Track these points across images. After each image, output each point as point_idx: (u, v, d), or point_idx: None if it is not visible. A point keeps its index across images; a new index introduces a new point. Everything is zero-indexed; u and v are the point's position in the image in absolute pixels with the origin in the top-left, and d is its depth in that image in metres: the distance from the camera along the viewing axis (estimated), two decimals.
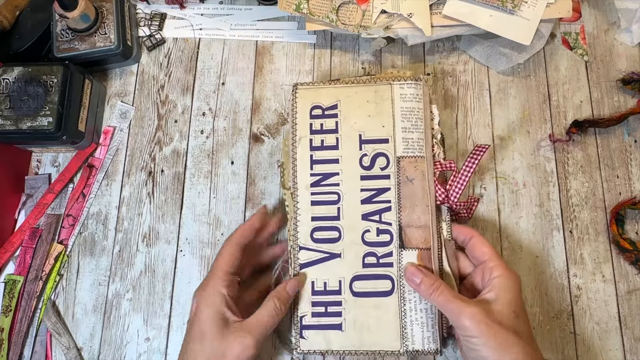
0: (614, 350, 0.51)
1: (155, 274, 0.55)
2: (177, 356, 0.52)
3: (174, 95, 0.61)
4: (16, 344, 0.52)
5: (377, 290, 0.48)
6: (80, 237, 0.57)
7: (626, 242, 0.53)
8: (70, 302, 0.55)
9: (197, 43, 0.63)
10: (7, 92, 0.54)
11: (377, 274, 0.48)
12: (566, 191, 0.56)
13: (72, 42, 0.58)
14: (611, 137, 0.58)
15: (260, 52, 0.63)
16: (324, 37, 0.63)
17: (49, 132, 0.53)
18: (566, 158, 0.57)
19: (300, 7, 0.56)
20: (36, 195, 0.58)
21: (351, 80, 0.53)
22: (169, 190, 0.58)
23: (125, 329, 0.54)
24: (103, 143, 0.60)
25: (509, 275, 0.44)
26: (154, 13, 0.64)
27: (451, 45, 0.62)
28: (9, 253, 0.55)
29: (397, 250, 0.48)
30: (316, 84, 0.53)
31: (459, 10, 0.55)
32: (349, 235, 0.49)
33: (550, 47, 0.61)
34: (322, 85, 0.53)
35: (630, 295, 0.53)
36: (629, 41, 0.61)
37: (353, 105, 0.52)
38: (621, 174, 0.56)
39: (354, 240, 0.49)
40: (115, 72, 0.63)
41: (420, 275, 0.45)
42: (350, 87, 0.52)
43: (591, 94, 0.59)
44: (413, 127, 0.50)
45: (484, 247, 0.46)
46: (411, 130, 0.50)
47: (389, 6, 0.56)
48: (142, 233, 0.56)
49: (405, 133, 0.50)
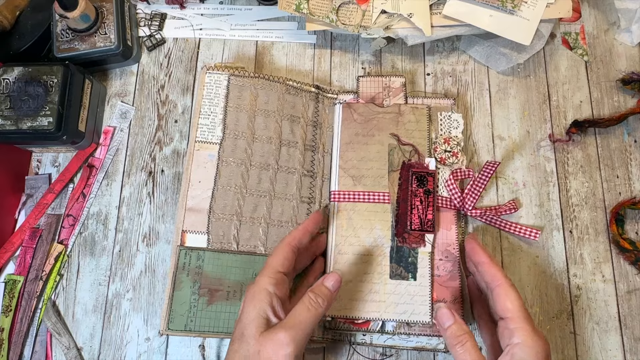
0: (614, 350, 0.51)
1: (156, 274, 0.55)
2: (176, 356, 0.53)
3: (174, 95, 0.61)
4: (16, 344, 0.52)
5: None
6: (81, 237, 0.57)
7: (626, 242, 0.53)
8: (70, 302, 0.55)
9: (197, 43, 0.63)
10: (7, 92, 0.54)
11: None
12: (566, 191, 0.56)
13: (72, 42, 0.58)
14: (611, 137, 0.58)
15: (260, 52, 0.63)
16: (324, 37, 0.63)
17: (49, 132, 0.53)
18: (566, 158, 0.57)
19: (300, 7, 0.56)
20: (36, 195, 0.58)
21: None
22: (169, 190, 0.58)
23: (125, 329, 0.54)
24: (103, 143, 0.60)
25: (532, 344, 0.38)
26: (154, 13, 0.64)
27: (451, 45, 0.62)
28: (9, 253, 0.55)
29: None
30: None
31: (459, 10, 0.55)
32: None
33: (550, 47, 0.61)
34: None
35: (630, 295, 0.53)
36: (629, 41, 0.61)
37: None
38: (621, 174, 0.56)
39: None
40: (115, 72, 0.63)
41: (451, 320, 0.42)
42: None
43: (591, 94, 0.59)
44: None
45: (507, 302, 0.41)
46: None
47: (389, 6, 0.56)
48: (142, 233, 0.56)
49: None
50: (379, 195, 0.53)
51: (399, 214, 0.52)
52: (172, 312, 0.49)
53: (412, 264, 0.50)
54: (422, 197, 0.51)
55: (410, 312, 0.49)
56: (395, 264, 0.50)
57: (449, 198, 0.53)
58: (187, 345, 0.53)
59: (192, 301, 0.49)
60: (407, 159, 0.54)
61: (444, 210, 0.53)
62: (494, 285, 0.42)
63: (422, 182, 0.52)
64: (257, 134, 0.54)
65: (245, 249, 0.51)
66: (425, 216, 0.50)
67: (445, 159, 0.54)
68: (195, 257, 0.51)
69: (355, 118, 0.56)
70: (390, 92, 0.57)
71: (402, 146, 0.55)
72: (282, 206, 0.53)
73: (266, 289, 0.41)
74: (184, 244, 0.51)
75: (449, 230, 0.52)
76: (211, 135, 0.54)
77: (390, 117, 0.56)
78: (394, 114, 0.56)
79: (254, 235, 0.52)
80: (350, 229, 0.52)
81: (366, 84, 0.58)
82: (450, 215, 0.53)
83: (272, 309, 0.40)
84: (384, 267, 0.50)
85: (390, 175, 0.54)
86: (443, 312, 0.43)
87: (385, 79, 0.57)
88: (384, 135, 0.55)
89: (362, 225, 0.52)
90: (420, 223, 0.50)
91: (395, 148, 0.55)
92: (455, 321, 0.42)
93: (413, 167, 0.53)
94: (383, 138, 0.55)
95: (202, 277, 0.50)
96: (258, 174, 0.54)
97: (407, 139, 0.55)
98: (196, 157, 0.53)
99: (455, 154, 0.54)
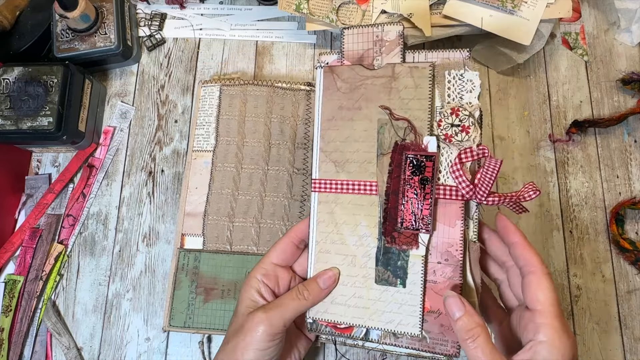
0: (614, 350, 0.51)
1: (156, 274, 0.55)
2: (176, 356, 0.53)
3: (174, 95, 0.61)
4: (16, 344, 0.52)
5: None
6: (81, 237, 0.57)
7: (626, 242, 0.53)
8: (70, 302, 0.55)
9: (197, 43, 0.63)
10: (7, 92, 0.54)
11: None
12: (566, 191, 0.56)
13: (72, 42, 0.58)
14: (611, 137, 0.58)
15: (260, 52, 0.63)
16: (324, 37, 0.63)
17: (49, 132, 0.53)
18: (566, 158, 0.57)
19: (300, 7, 0.56)
20: (36, 195, 0.58)
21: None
22: (169, 190, 0.58)
23: (125, 329, 0.54)
24: (103, 143, 0.60)
25: (559, 346, 0.34)
26: (154, 13, 0.64)
27: (451, 46, 0.62)
28: (9, 253, 0.55)
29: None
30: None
31: (459, 10, 0.55)
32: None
33: (550, 47, 0.61)
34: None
35: (630, 295, 0.53)
36: (629, 41, 0.61)
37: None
38: (621, 174, 0.56)
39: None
40: (115, 72, 0.63)
41: (462, 311, 0.37)
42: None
43: (591, 94, 0.59)
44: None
45: (539, 293, 0.36)
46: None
47: (389, 6, 0.56)
48: (142, 233, 0.56)
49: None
50: (365, 185, 0.43)
51: (388, 208, 0.42)
52: (173, 309, 0.51)
53: (402, 268, 0.42)
54: (417, 188, 0.41)
55: (397, 322, 0.41)
56: (382, 267, 0.42)
57: (455, 187, 0.41)
58: (187, 345, 0.53)
59: (190, 299, 0.51)
60: (401, 138, 0.43)
61: (448, 202, 0.41)
62: (527, 271, 0.38)
63: (418, 168, 0.41)
64: (247, 138, 0.56)
65: (239, 250, 0.53)
66: (420, 212, 0.41)
67: (451, 135, 0.41)
68: (193, 258, 0.53)
69: (339, 86, 0.45)
70: (383, 48, 0.44)
71: (395, 122, 0.43)
72: (273, 205, 0.54)
73: (255, 277, 0.44)
74: (183, 247, 0.53)
75: (453, 227, 0.41)
76: (206, 143, 0.56)
77: (381, 83, 0.44)
78: (386, 78, 0.44)
79: (246, 236, 0.53)
80: (332, 225, 0.44)
81: (352, 38, 0.45)
82: (455, 208, 0.41)
83: (259, 294, 0.43)
84: (368, 270, 0.43)
85: (380, 159, 0.43)
86: (452, 301, 0.38)
87: (377, 29, 0.44)
88: (373, 107, 0.44)
89: (345, 220, 0.44)
90: (414, 220, 0.41)
91: (386, 124, 0.43)
92: (466, 312, 0.37)
93: (407, 149, 0.42)
94: (372, 112, 0.44)
95: (199, 276, 0.52)
96: (249, 176, 0.55)
97: (402, 111, 0.43)
98: (193, 165, 0.56)
99: (465, 128, 0.41)
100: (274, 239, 0.53)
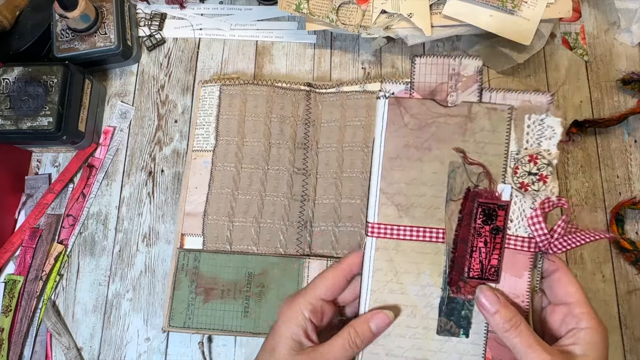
0: (614, 350, 0.51)
1: (156, 274, 0.55)
2: (176, 356, 0.53)
3: (174, 95, 0.61)
4: (16, 344, 0.52)
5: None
6: (80, 237, 0.57)
7: (626, 242, 0.53)
8: (70, 302, 0.55)
9: (197, 43, 0.63)
10: (7, 92, 0.54)
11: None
12: (566, 191, 0.56)
13: (72, 42, 0.58)
14: (611, 137, 0.58)
15: (260, 52, 0.63)
16: (324, 37, 0.63)
17: (49, 132, 0.53)
18: (566, 158, 0.57)
19: (300, 7, 0.56)
20: (36, 195, 0.58)
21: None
22: (169, 190, 0.58)
23: (125, 329, 0.54)
24: (103, 143, 0.60)
25: (598, 329, 0.36)
26: (154, 13, 0.64)
27: (451, 45, 0.62)
28: (9, 253, 0.55)
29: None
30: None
31: (459, 10, 0.55)
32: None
33: (550, 47, 0.61)
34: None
35: (630, 295, 0.53)
36: (629, 41, 0.61)
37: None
38: (621, 174, 0.56)
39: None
40: (115, 72, 0.63)
41: (497, 304, 0.37)
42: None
43: (591, 94, 0.59)
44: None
45: (570, 286, 0.38)
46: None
47: (389, 6, 0.56)
48: (142, 233, 0.56)
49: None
50: (431, 231, 0.41)
51: (455, 257, 0.40)
52: (173, 310, 0.51)
53: (466, 318, 0.40)
54: (487, 237, 0.39)
55: None
56: (445, 317, 0.40)
57: (529, 238, 0.40)
58: (186, 345, 0.53)
59: (190, 300, 0.51)
60: (474, 184, 0.40)
61: (517, 252, 0.40)
62: (552, 270, 0.39)
63: (490, 217, 0.40)
64: (247, 138, 0.56)
65: (239, 250, 0.53)
66: (488, 261, 0.40)
67: (528, 184, 0.40)
68: (192, 258, 0.52)
69: (407, 122, 0.41)
70: (459, 83, 0.41)
71: (468, 166, 0.41)
72: (273, 205, 0.54)
73: (302, 313, 0.39)
74: (182, 247, 0.53)
75: (520, 278, 0.39)
76: (206, 143, 0.56)
77: (456, 123, 0.40)
78: (461, 117, 0.40)
79: (246, 236, 0.53)
80: (392, 273, 0.41)
81: (424, 68, 0.41)
82: (523, 259, 0.39)
83: (305, 334, 0.39)
84: (430, 321, 0.41)
85: (449, 206, 0.41)
86: (487, 294, 0.37)
87: (454, 61, 0.40)
88: (446, 149, 0.40)
89: (406, 269, 0.41)
90: (481, 269, 0.39)
91: (458, 168, 0.41)
92: (501, 304, 0.37)
93: (480, 196, 0.40)
94: (444, 153, 0.40)
95: (199, 276, 0.52)
96: (249, 176, 0.55)
97: (477, 155, 0.40)
98: (193, 165, 0.56)
99: (543, 177, 0.40)
100: (273, 238, 0.53)
